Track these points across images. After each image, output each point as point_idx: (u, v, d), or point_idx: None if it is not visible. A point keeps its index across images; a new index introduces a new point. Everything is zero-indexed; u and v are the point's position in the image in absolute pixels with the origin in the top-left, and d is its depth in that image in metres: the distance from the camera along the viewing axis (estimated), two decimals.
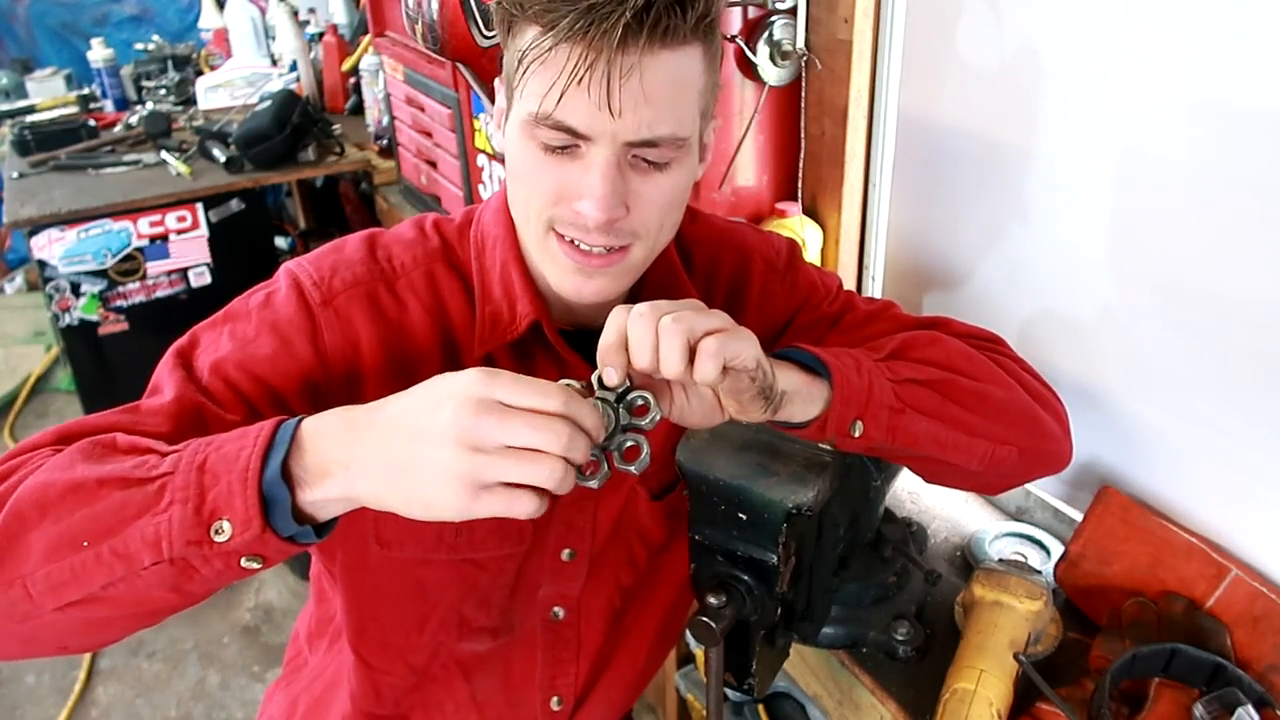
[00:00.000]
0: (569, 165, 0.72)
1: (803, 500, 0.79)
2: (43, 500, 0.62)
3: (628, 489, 0.93)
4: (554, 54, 0.67)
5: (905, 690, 1.02)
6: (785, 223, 1.47)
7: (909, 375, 0.80)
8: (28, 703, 2.21)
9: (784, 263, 0.96)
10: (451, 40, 1.69)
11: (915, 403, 0.79)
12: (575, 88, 0.67)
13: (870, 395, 0.75)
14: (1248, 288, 0.97)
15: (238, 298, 0.83)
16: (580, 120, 0.69)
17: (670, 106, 0.70)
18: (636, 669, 1.06)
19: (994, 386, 0.86)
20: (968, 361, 0.86)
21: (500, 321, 0.82)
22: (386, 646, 0.94)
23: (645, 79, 0.67)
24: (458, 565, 0.90)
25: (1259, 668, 0.95)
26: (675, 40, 0.68)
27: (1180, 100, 0.99)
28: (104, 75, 3.04)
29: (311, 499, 0.61)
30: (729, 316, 0.67)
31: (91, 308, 2.42)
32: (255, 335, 0.78)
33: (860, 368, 0.76)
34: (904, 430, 0.78)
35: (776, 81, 1.43)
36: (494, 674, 0.99)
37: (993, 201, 1.25)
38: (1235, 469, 1.03)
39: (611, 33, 0.65)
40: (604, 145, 0.70)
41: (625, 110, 0.68)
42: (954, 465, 0.85)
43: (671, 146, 0.72)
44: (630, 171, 0.72)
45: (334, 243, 0.85)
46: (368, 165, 2.58)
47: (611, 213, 0.71)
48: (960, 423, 0.82)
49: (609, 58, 0.66)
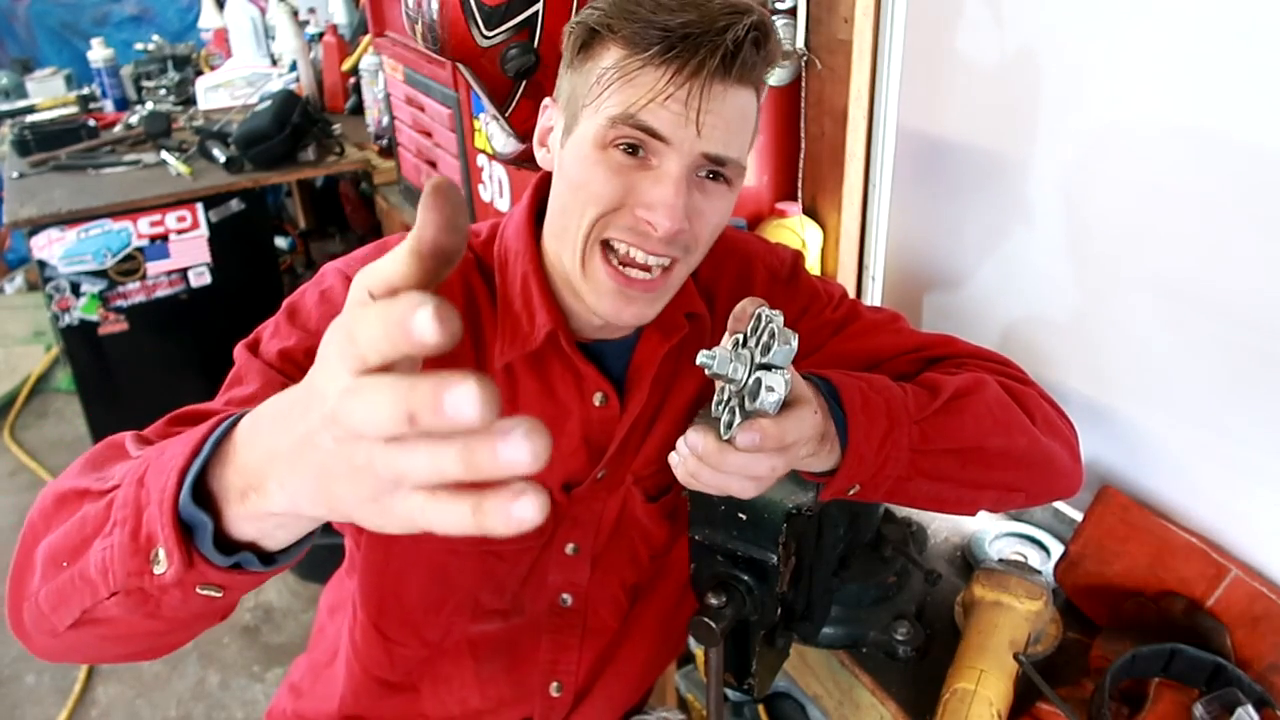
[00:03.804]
0: (639, 174, 0.75)
1: (803, 500, 0.79)
2: (45, 511, 0.60)
3: (624, 490, 0.94)
4: (642, 73, 0.73)
5: (905, 690, 1.02)
6: (785, 223, 1.47)
7: (942, 444, 0.80)
8: (28, 703, 2.21)
9: (787, 271, 0.98)
10: (451, 40, 1.68)
11: (932, 471, 0.80)
12: (662, 102, 0.72)
13: (880, 471, 0.76)
14: (1247, 288, 0.97)
15: (294, 295, 0.83)
16: (664, 127, 0.73)
17: (738, 134, 0.76)
18: (638, 667, 1.07)
19: (1019, 438, 0.86)
20: (1005, 413, 0.86)
21: (519, 332, 0.85)
22: (404, 623, 0.97)
23: (726, 105, 0.74)
24: (481, 556, 0.93)
25: (1259, 668, 0.95)
26: (749, 79, 0.75)
27: (1180, 100, 0.99)
28: (104, 75, 3.04)
29: (238, 515, 0.48)
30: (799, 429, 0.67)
31: (91, 308, 2.42)
32: (317, 328, 0.79)
33: (888, 438, 0.76)
34: (901, 493, 0.80)
35: (776, 81, 1.43)
36: (500, 654, 1.01)
37: (993, 201, 1.25)
38: (1235, 469, 1.03)
39: (709, 61, 0.71)
40: (680, 156, 0.74)
41: (707, 128, 0.73)
42: (953, 511, 0.88)
43: (735, 169, 0.78)
44: (694, 188, 0.76)
45: (377, 243, 0.88)
46: (368, 165, 2.58)
47: (680, 223, 0.75)
48: (973, 482, 0.84)
49: (702, 83, 0.72)
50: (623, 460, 0.93)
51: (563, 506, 0.92)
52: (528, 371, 0.87)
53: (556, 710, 1.04)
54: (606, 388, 0.88)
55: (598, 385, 0.87)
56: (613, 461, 0.91)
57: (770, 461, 0.66)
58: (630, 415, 0.89)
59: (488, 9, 1.60)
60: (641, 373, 0.89)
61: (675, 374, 0.93)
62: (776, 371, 0.62)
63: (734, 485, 0.67)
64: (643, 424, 0.92)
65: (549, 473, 0.90)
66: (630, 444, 0.92)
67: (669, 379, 0.92)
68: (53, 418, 3.27)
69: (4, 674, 2.28)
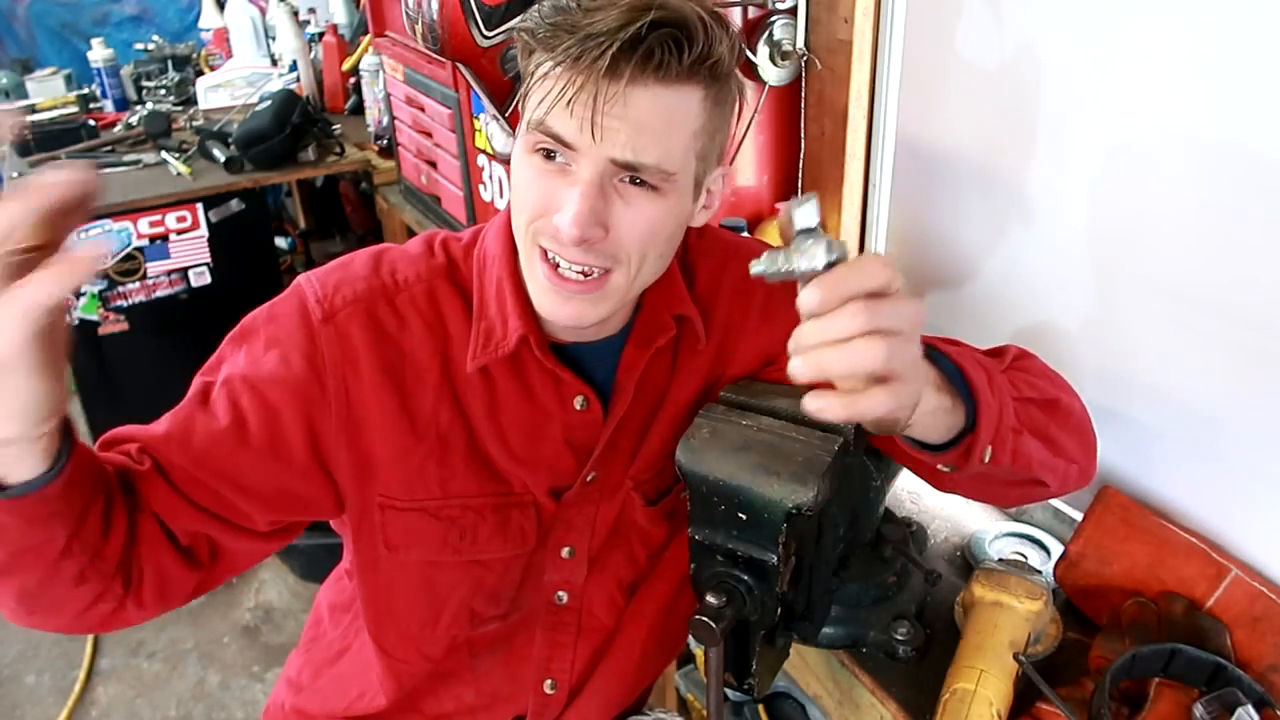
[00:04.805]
0: (557, 180, 0.75)
1: (803, 500, 0.79)
2: None
3: (624, 494, 0.94)
4: (550, 77, 0.72)
5: (905, 690, 1.02)
6: None
7: (1028, 393, 0.81)
8: (28, 703, 2.21)
9: None
10: (451, 40, 1.69)
11: (1030, 423, 0.80)
12: (564, 105, 0.71)
13: (1002, 418, 0.75)
14: (1248, 288, 0.97)
15: (253, 312, 0.87)
16: (568, 132, 0.72)
17: (658, 138, 0.73)
18: (632, 666, 1.06)
19: (1076, 401, 0.89)
20: (1059, 377, 0.89)
21: (493, 336, 0.85)
22: (403, 638, 0.97)
23: (632, 106, 0.71)
24: (466, 566, 0.92)
25: (1259, 668, 0.95)
26: (669, 77, 0.71)
27: (1180, 101, 0.99)
28: (104, 75, 3.03)
29: None
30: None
31: (91, 308, 2.42)
32: (264, 352, 0.83)
33: (994, 384, 0.75)
34: (1022, 452, 0.78)
35: (776, 81, 1.43)
36: (495, 649, 1.01)
37: (993, 202, 1.25)
38: (1235, 469, 1.03)
39: (599, 61, 0.69)
40: (589, 161, 0.73)
41: (608, 132, 0.71)
42: (1043, 484, 0.85)
43: (656, 176, 0.74)
44: (614, 195, 0.75)
45: (344, 258, 0.89)
46: (368, 165, 2.58)
47: (585, 230, 0.73)
48: (1055, 444, 0.83)
49: (596, 83, 0.70)
50: (616, 464, 0.93)
51: (551, 512, 0.92)
52: (506, 375, 0.87)
53: (550, 708, 1.04)
54: (586, 391, 0.88)
55: (577, 389, 0.87)
56: (602, 465, 0.91)
57: (855, 314, 0.58)
58: (615, 419, 0.89)
59: (488, 9, 1.60)
60: (626, 376, 0.89)
61: (671, 377, 0.92)
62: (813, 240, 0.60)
63: (857, 352, 0.58)
64: (635, 428, 0.92)
65: (534, 478, 0.90)
66: (622, 448, 0.92)
67: (663, 382, 0.92)
68: None
69: (4, 674, 2.28)
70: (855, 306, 0.58)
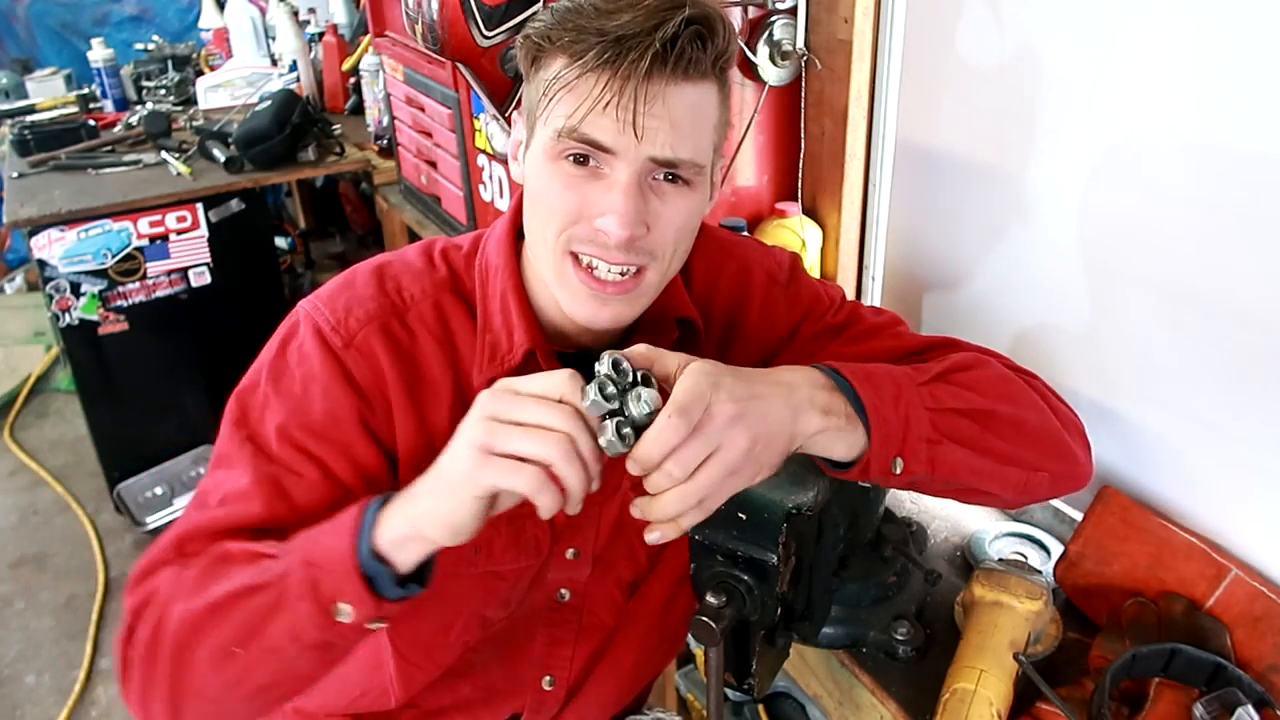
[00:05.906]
0: (591, 185, 0.75)
1: (803, 500, 0.79)
2: (193, 625, 0.73)
3: (622, 494, 0.94)
4: (581, 81, 0.72)
5: (905, 690, 1.02)
6: (785, 223, 1.47)
7: (951, 404, 0.81)
8: (28, 703, 2.21)
9: (785, 275, 0.97)
10: (451, 40, 1.69)
11: (953, 433, 0.79)
12: (601, 109, 0.72)
13: (907, 429, 0.76)
14: (1247, 288, 0.97)
15: (265, 352, 0.86)
16: (606, 136, 0.73)
17: (690, 133, 0.75)
18: (631, 665, 1.06)
19: (1030, 412, 0.87)
20: (1007, 386, 0.87)
21: (499, 350, 0.85)
22: (415, 644, 0.97)
23: (669, 105, 0.72)
24: (481, 577, 0.93)
25: (1259, 668, 0.95)
26: (696, 74, 0.73)
27: (1180, 101, 0.99)
28: (104, 75, 3.04)
29: (403, 560, 0.71)
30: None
31: (91, 308, 2.42)
32: (303, 392, 0.82)
33: (900, 398, 0.76)
34: (943, 461, 0.79)
35: (776, 81, 1.43)
36: (495, 645, 1.01)
37: (993, 202, 1.25)
38: (1235, 469, 1.03)
39: (639, 63, 0.70)
40: (628, 163, 0.74)
41: (648, 132, 0.72)
42: (990, 493, 0.86)
43: (691, 170, 0.76)
44: (650, 193, 0.76)
45: (344, 277, 0.88)
46: (368, 165, 2.58)
47: (633, 229, 0.74)
48: (997, 452, 0.83)
49: (636, 85, 0.71)
50: (617, 464, 0.93)
51: (563, 520, 0.92)
52: None
53: (548, 704, 1.03)
54: None
55: None
56: (606, 466, 0.91)
57: (688, 450, 0.67)
58: None
59: (488, 9, 1.60)
60: None
61: None
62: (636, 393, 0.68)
63: (690, 490, 0.69)
64: None
65: None
66: None
67: None
68: (53, 418, 3.27)
69: (4, 674, 2.28)
70: (696, 441, 0.67)
